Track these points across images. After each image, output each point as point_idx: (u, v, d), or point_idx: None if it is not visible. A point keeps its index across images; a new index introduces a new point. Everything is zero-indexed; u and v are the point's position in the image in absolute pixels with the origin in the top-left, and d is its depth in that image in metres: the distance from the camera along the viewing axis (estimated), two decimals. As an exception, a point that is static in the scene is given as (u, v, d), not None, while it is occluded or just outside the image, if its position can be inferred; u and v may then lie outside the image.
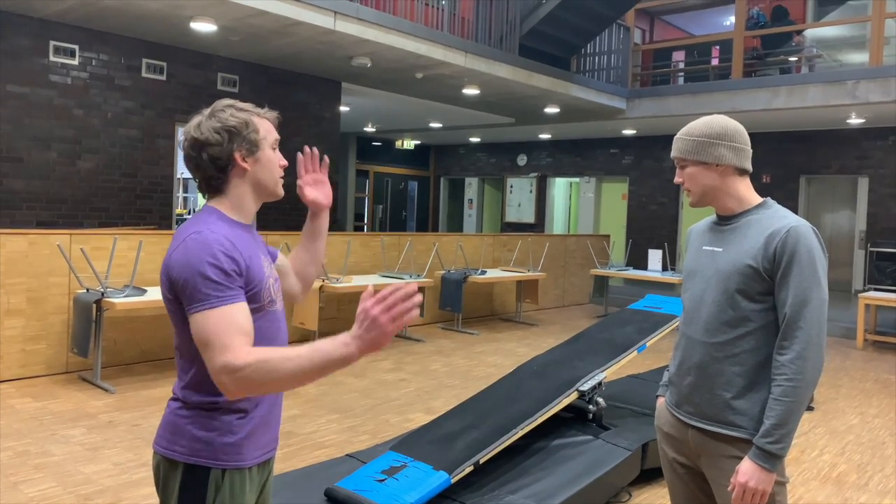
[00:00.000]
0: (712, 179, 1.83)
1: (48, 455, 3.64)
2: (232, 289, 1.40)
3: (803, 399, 1.68)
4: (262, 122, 1.57)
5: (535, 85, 9.03)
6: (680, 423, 1.88)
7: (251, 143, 1.53)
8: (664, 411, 1.97)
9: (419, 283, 7.05)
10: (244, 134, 1.52)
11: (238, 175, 1.54)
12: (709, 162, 1.82)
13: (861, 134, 10.89)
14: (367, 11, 6.84)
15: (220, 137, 1.50)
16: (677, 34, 13.98)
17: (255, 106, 1.60)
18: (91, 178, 7.11)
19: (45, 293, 5.15)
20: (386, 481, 2.80)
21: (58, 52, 6.80)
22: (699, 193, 1.86)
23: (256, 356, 1.32)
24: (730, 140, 1.82)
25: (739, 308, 1.75)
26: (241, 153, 1.52)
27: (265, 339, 1.52)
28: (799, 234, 1.71)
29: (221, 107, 1.54)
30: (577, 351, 4.13)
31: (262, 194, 1.59)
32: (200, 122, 1.53)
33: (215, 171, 1.53)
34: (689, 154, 1.84)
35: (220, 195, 1.55)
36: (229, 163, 1.52)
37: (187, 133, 1.54)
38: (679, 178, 1.90)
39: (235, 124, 1.51)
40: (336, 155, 9.45)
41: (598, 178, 14.29)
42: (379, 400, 4.97)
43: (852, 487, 3.69)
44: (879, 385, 6.03)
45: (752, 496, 1.68)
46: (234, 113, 1.53)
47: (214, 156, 1.51)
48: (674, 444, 1.93)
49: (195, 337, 1.38)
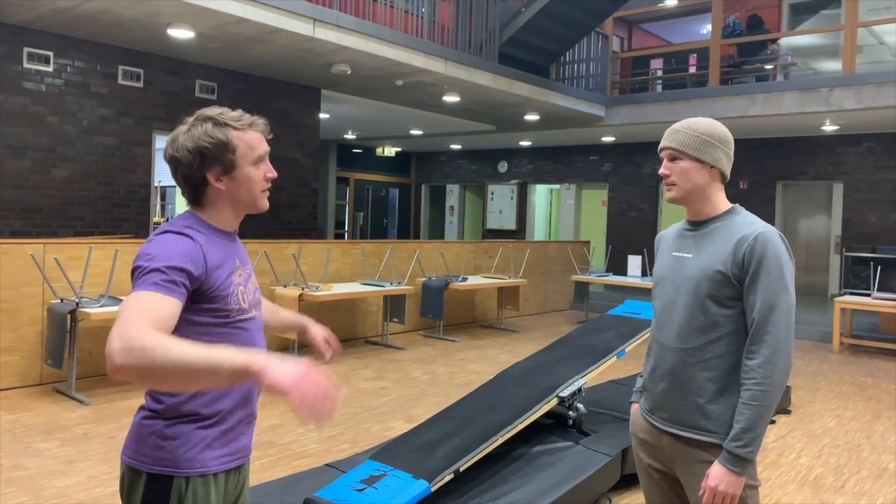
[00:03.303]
0: (702, 179, 1.83)
1: (21, 469, 3.57)
2: (176, 285, 1.36)
3: (772, 403, 1.70)
4: (246, 136, 1.50)
5: (515, 92, 9.07)
6: (654, 429, 1.89)
7: (226, 164, 1.49)
8: (639, 417, 1.98)
9: (401, 290, 7.04)
10: (218, 155, 1.48)
11: (215, 193, 1.52)
12: (705, 161, 1.82)
13: (836, 140, 11.07)
14: (346, 19, 6.83)
15: (191, 158, 1.47)
16: (655, 42, 14.13)
17: (244, 114, 1.53)
18: (66, 186, 7.02)
19: (19, 304, 5.07)
20: (366, 490, 2.78)
21: (32, 59, 6.71)
22: (686, 190, 1.84)
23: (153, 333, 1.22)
24: (726, 146, 1.85)
25: (710, 313, 1.77)
26: (214, 174, 1.49)
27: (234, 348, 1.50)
28: (767, 239, 1.73)
29: (202, 119, 1.50)
30: (558, 357, 4.13)
31: (241, 209, 1.56)
32: (176, 138, 1.50)
33: (191, 189, 1.52)
34: (688, 148, 1.82)
35: (199, 206, 1.54)
36: (202, 182, 1.50)
37: (166, 150, 1.52)
38: (666, 171, 1.87)
39: (207, 145, 1.46)
40: (316, 162, 9.42)
41: (579, 185, 14.37)
42: (359, 408, 4.94)
43: (829, 490, 3.72)
44: (855, 388, 6.10)
45: (722, 499, 1.70)
46: (210, 131, 1.47)
47: (186, 175, 1.50)
48: (649, 450, 1.93)
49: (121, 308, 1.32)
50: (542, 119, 10.90)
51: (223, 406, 1.50)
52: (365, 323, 7.60)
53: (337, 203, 15.05)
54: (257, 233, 7.82)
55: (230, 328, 1.49)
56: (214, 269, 1.46)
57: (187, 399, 1.45)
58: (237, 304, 1.51)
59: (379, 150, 15.59)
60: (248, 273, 1.59)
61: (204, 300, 1.45)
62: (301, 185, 9.13)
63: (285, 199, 8.84)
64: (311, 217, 9.34)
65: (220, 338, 1.48)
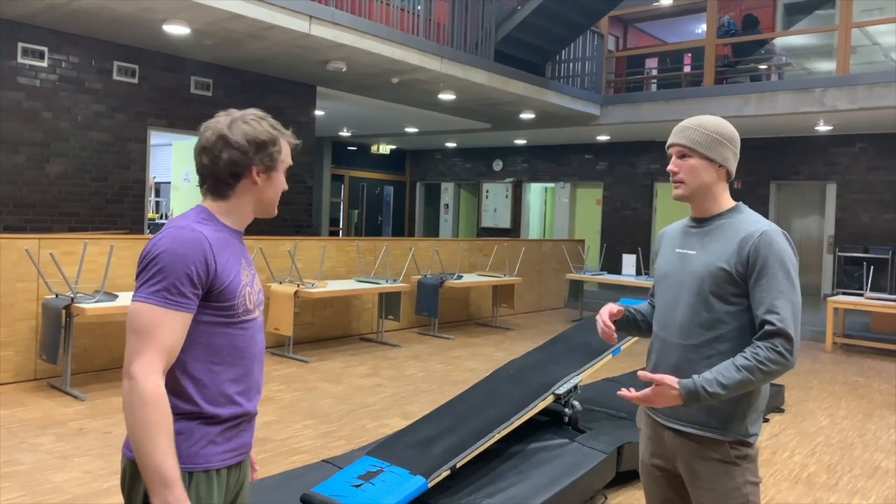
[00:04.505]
0: (710, 177, 1.83)
1: (16, 464, 3.56)
2: (185, 297, 1.41)
3: (758, 383, 1.69)
4: (286, 145, 1.59)
5: (511, 91, 9.08)
6: (657, 425, 1.89)
7: (272, 161, 1.54)
8: (642, 413, 1.98)
9: (396, 287, 7.05)
10: (269, 150, 1.53)
11: (247, 187, 1.54)
12: (714, 160, 1.82)
13: (829, 141, 11.12)
14: (342, 16, 6.83)
15: (247, 146, 1.51)
16: (650, 41, 14.15)
17: (282, 126, 1.61)
18: (60, 182, 6.99)
19: (13, 299, 5.05)
20: (362, 486, 2.78)
21: (26, 54, 6.68)
22: (694, 188, 1.84)
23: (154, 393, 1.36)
24: (734, 145, 1.85)
25: (714, 310, 1.77)
26: (259, 168, 1.53)
27: (237, 349, 1.51)
28: (771, 238, 1.74)
29: (256, 117, 1.55)
30: (553, 355, 4.15)
31: (260, 210, 1.60)
32: (233, 122, 1.51)
33: (228, 175, 1.52)
34: (699, 146, 1.82)
35: (220, 199, 1.54)
36: (244, 172, 1.52)
37: (214, 128, 1.51)
38: (675, 168, 1.86)
39: (266, 139, 1.52)
40: (311, 160, 9.40)
41: (573, 184, 14.40)
42: (355, 405, 4.95)
43: (822, 488, 3.75)
44: (848, 387, 6.14)
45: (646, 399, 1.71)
46: (269, 128, 1.54)
47: (234, 161, 1.50)
48: (651, 446, 1.94)
49: (129, 318, 1.41)
50: (537, 117, 10.91)
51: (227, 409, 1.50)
52: (360, 320, 7.60)
53: (332, 200, 15.04)
54: (252, 229, 7.76)
55: (233, 328, 1.50)
56: (224, 269, 1.47)
57: (193, 400, 1.46)
58: (244, 304, 1.52)
59: (374, 147, 15.57)
60: (252, 273, 1.60)
61: (213, 299, 1.46)
62: (296, 182, 9.11)
63: (280, 196, 8.81)
64: (305, 214, 9.33)
65: (223, 338, 1.49)
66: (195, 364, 1.46)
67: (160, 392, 1.37)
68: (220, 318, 1.48)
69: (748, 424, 1.78)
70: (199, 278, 1.42)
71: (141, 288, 1.41)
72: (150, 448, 1.34)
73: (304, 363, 6.19)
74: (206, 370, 1.47)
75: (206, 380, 1.47)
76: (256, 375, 1.57)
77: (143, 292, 1.40)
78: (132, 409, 1.35)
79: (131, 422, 1.36)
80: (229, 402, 1.50)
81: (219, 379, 1.48)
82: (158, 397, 1.36)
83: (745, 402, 1.77)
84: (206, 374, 1.47)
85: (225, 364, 1.49)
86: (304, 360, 6.26)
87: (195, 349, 1.46)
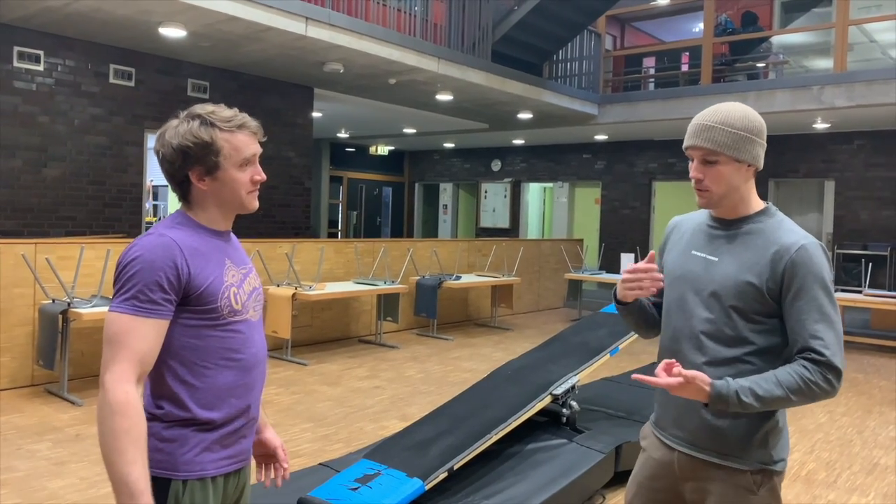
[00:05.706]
0: (739, 180, 1.59)
1: (13, 471, 3.55)
2: (157, 304, 1.40)
3: (789, 405, 1.55)
4: (233, 137, 1.48)
5: (508, 91, 9.07)
6: (665, 447, 1.72)
7: (208, 165, 1.47)
8: (650, 433, 1.79)
9: (394, 289, 7.04)
10: (199, 155, 1.46)
11: (199, 191, 1.51)
12: (743, 160, 1.57)
13: (827, 138, 11.11)
14: (338, 17, 6.82)
15: (174, 155, 1.47)
16: (648, 40, 14.15)
17: (237, 115, 1.51)
18: (57, 186, 6.98)
19: (10, 304, 5.04)
20: (359, 489, 2.77)
21: (22, 58, 6.67)
22: (721, 195, 1.60)
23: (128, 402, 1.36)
24: (762, 137, 1.60)
25: (736, 328, 1.58)
26: (196, 174, 1.49)
27: (231, 350, 1.50)
28: (810, 253, 1.54)
29: (191, 116, 1.49)
30: (551, 355, 4.14)
31: (228, 209, 1.55)
32: (164, 133, 1.50)
33: (173, 185, 1.53)
34: (726, 148, 1.56)
35: (186, 203, 1.54)
36: (184, 180, 1.50)
37: (157, 137, 1.53)
38: (699, 175, 1.60)
39: (190, 144, 1.45)
40: (309, 161, 9.40)
41: (572, 183, 14.39)
42: (353, 408, 4.94)
43: (821, 485, 3.74)
44: (847, 384, 6.13)
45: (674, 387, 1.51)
46: (195, 130, 1.46)
47: (169, 172, 1.51)
48: (654, 468, 1.75)
49: (104, 329, 1.41)
50: (535, 117, 10.91)
51: (223, 414, 1.49)
52: (358, 322, 7.59)
53: (330, 202, 15.02)
54: (250, 232, 7.80)
55: (221, 331, 1.48)
56: (199, 272, 1.45)
57: (187, 406, 1.45)
58: (229, 306, 1.49)
59: (372, 148, 15.56)
60: (243, 274, 1.56)
61: (192, 303, 1.45)
62: (294, 183, 9.11)
63: (278, 199, 8.82)
64: (303, 216, 9.32)
65: (211, 341, 1.47)
66: (186, 369, 1.45)
67: (129, 400, 1.36)
68: (205, 322, 1.46)
69: (771, 449, 1.61)
70: (170, 284, 1.41)
71: (114, 298, 1.42)
72: (115, 458, 1.34)
73: (303, 366, 6.18)
74: (199, 374, 1.46)
75: (199, 384, 1.46)
76: (255, 376, 1.55)
77: (115, 301, 1.41)
78: (102, 417, 1.36)
79: (100, 430, 1.36)
80: (224, 404, 1.48)
81: (212, 382, 1.47)
82: (128, 405, 1.35)
83: (768, 425, 1.60)
84: (199, 378, 1.46)
85: (218, 367, 1.48)
86: (303, 363, 6.25)
87: (185, 353, 1.45)
